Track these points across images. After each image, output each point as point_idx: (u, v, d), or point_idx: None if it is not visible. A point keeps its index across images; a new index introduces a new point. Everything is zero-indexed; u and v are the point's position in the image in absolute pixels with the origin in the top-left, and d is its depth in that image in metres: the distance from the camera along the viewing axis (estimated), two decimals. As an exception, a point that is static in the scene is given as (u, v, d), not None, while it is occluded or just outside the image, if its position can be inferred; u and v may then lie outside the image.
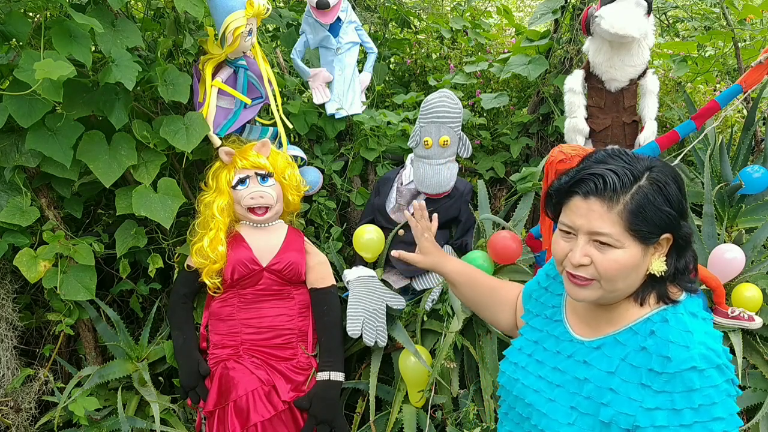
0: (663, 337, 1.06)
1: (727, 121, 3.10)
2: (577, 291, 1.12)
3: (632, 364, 1.08)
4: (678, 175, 1.09)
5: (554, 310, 1.26)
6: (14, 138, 1.99)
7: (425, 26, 3.56)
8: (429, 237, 1.53)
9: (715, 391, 1.00)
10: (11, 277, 2.25)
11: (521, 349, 1.27)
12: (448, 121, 2.29)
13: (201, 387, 2.21)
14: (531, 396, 1.19)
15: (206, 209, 2.20)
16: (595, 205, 1.06)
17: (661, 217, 1.05)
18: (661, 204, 1.04)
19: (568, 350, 1.18)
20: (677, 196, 1.06)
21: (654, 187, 1.05)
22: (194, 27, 2.25)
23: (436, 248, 1.52)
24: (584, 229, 1.07)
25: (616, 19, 2.22)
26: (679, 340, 1.04)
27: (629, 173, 1.05)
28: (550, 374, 1.19)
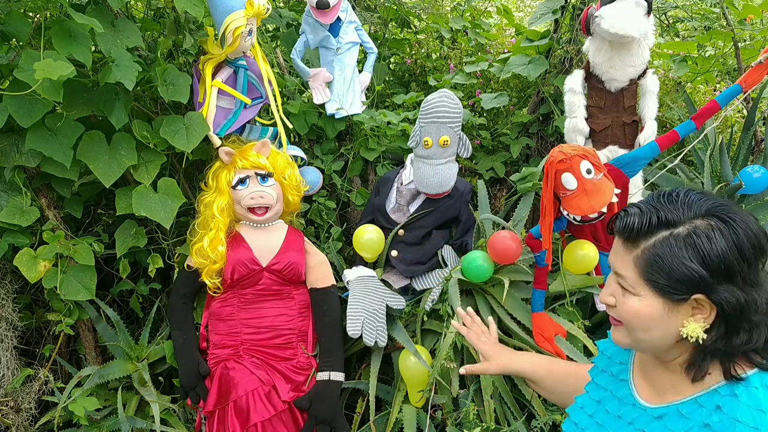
0: (730, 415, 0.93)
1: (727, 121, 3.10)
2: (613, 332, 1.07)
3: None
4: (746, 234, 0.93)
5: (621, 368, 1.18)
6: (14, 138, 1.99)
7: (425, 26, 3.56)
8: (488, 340, 1.44)
9: None
10: (11, 277, 2.25)
11: (583, 408, 1.20)
12: (448, 121, 2.29)
13: (201, 387, 2.21)
14: None
15: (206, 209, 2.20)
16: (619, 243, 1.01)
17: (684, 273, 0.93)
18: (688, 259, 0.93)
19: (629, 415, 1.09)
20: (720, 257, 0.92)
21: (689, 239, 0.93)
22: (194, 27, 2.25)
23: (501, 349, 1.42)
24: (612, 266, 1.03)
25: (616, 19, 2.22)
26: (749, 420, 0.91)
27: (658, 217, 0.95)
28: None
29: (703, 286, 0.93)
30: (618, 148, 2.43)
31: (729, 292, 0.92)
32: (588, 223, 2.08)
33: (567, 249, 2.21)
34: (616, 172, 2.11)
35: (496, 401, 2.24)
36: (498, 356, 1.41)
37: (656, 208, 0.97)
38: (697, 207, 0.96)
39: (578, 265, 2.19)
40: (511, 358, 1.40)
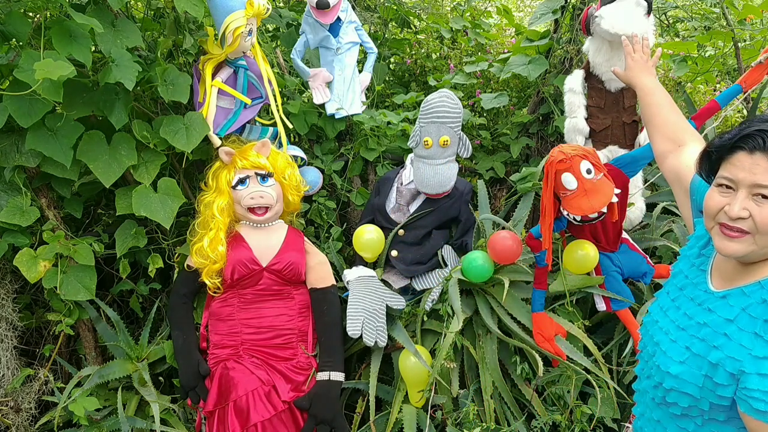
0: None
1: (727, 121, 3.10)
2: (727, 244, 1.17)
3: (751, 314, 1.13)
4: None
5: (703, 259, 1.33)
6: (14, 138, 1.99)
7: (425, 26, 3.56)
8: (639, 57, 1.77)
9: None
10: (11, 277, 2.25)
11: (668, 293, 1.35)
12: (448, 121, 2.29)
13: (201, 387, 2.21)
14: (659, 335, 1.29)
15: (206, 209, 2.20)
16: (761, 160, 1.11)
17: None
18: None
19: (700, 298, 1.25)
20: None
21: None
22: (194, 27, 2.25)
23: (641, 66, 1.74)
24: (747, 182, 1.13)
25: (616, 19, 2.22)
26: None
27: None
28: (680, 318, 1.27)
29: None
30: (618, 148, 2.43)
31: None
32: (588, 223, 2.08)
33: (567, 249, 2.21)
34: (616, 172, 2.11)
35: (496, 401, 2.24)
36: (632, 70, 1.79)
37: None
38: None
39: (578, 265, 2.19)
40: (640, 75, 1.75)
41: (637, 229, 2.58)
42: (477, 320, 2.31)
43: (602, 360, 2.24)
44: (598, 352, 2.23)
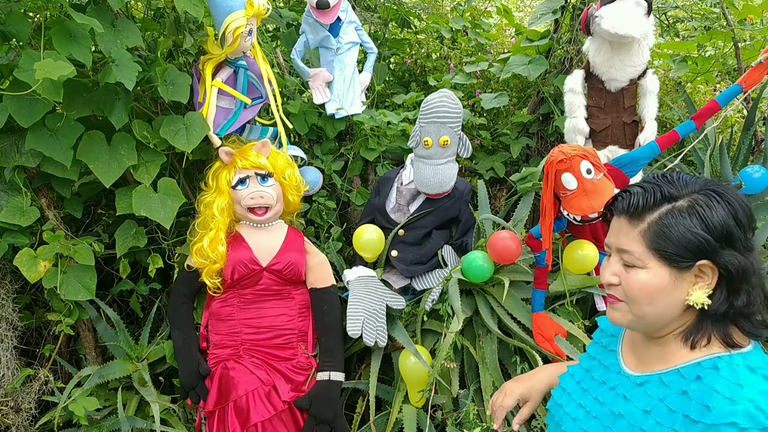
0: (708, 385, 0.98)
1: (727, 121, 3.10)
2: (610, 312, 1.11)
3: (670, 407, 1.02)
4: (738, 204, 1.01)
5: (611, 339, 1.24)
6: (14, 138, 1.99)
7: (425, 26, 3.56)
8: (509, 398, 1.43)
9: None
10: (11, 277, 2.25)
11: (572, 375, 1.26)
12: (448, 121, 2.29)
13: (201, 387, 2.21)
14: (568, 423, 1.19)
15: (206, 209, 2.20)
16: (622, 222, 1.07)
17: (690, 239, 0.99)
18: (693, 226, 1.00)
19: (612, 382, 1.15)
20: (722, 223, 0.99)
21: (692, 209, 1.01)
22: (194, 27, 2.25)
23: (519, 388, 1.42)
24: (614, 246, 1.09)
25: (616, 19, 2.22)
26: (726, 391, 0.96)
27: (661, 193, 1.03)
28: (590, 404, 1.17)
29: (708, 252, 1.00)
30: (618, 148, 2.43)
31: (731, 256, 1.00)
32: (588, 223, 2.08)
33: (567, 249, 2.21)
34: (616, 172, 2.11)
35: (496, 401, 2.23)
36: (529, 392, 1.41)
37: (658, 185, 1.05)
38: (693, 184, 1.04)
39: (578, 265, 2.19)
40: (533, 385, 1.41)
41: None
42: (477, 320, 2.31)
43: (602, 360, 2.24)
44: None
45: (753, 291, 1.02)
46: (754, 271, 1.01)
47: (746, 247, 1.01)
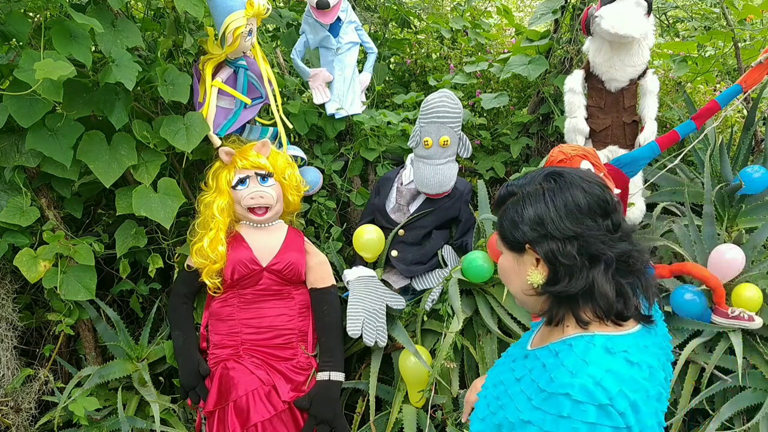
0: (560, 360, 1.05)
1: (727, 121, 3.10)
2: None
3: (533, 377, 1.10)
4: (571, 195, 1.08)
5: (538, 323, 1.33)
6: (14, 138, 1.99)
7: (425, 26, 3.56)
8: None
9: (588, 429, 0.95)
10: (11, 277, 2.25)
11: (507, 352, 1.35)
12: (448, 121, 2.29)
13: (201, 387, 2.21)
14: (482, 391, 1.30)
15: (206, 209, 2.20)
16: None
17: (511, 228, 1.13)
18: (515, 216, 1.12)
19: (514, 356, 1.26)
20: (538, 215, 1.09)
21: (516, 201, 1.13)
22: (194, 27, 2.25)
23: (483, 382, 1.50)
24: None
25: (616, 20, 2.22)
26: (570, 365, 1.02)
27: (507, 189, 1.17)
28: (491, 374, 1.29)
29: (527, 240, 1.10)
30: (618, 148, 2.43)
31: (546, 242, 1.08)
32: (588, 223, 2.08)
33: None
34: (616, 172, 2.11)
35: (496, 401, 2.23)
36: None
37: (509, 184, 1.18)
38: (533, 178, 1.15)
39: (578, 265, 2.19)
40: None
41: (637, 229, 2.58)
42: (477, 320, 2.31)
43: (602, 360, 2.24)
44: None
45: (598, 275, 1.06)
46: (598, 257, 1.06)
47: (563, 235, 1.06)
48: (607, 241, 1.06)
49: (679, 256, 2.43)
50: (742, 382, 2.11)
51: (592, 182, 1.10)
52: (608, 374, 0.98)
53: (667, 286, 2.34)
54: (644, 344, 1.07)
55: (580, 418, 0.96)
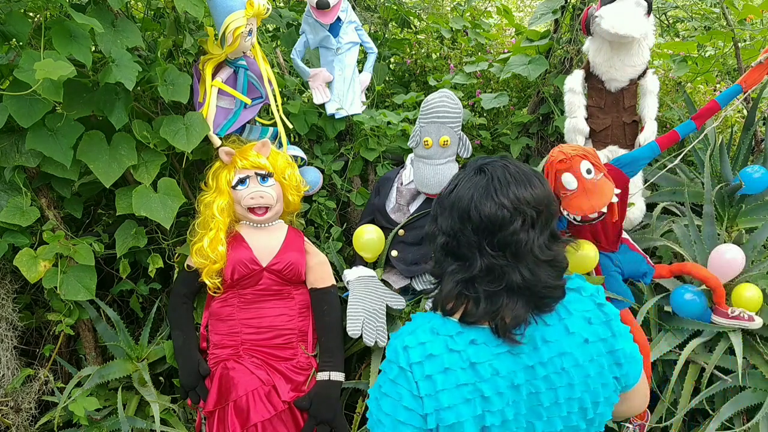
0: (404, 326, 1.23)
1: (727, 121, 3.10)
2: None
3: None
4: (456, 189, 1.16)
5: None
6: (14, 138, 1.99)
7: (425, 26, 3.56)
8: None
9: (390, 383, 1.12)
10: (11, 277, 2.25)
11: None
12: (448, 121, 2.29)
13: (201, 387, 2.21)
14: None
15: (206, 209, 2.20)
16: None
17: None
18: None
19: None
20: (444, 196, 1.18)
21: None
22: (194, 27, 2.25)
23: None
24: None
25: (616, 20, 2.22)
26: (402, 330, 1.19)
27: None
28: None
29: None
30: (618, 148, 2.43)
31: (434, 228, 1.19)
32: (588, 223, 2.08)
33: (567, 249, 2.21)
34: (616, 172, 2.11)
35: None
36: None
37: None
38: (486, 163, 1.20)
39: (578, 265, 2.19)
40: None
41: (637, 229, 2.58)
42: (477, 320, 2.31)
43: (602, 360, 2.24)
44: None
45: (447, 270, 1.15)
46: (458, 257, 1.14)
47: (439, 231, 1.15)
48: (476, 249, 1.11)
49: (679, 256, 2.43)
50: (742, 382, 2.11)
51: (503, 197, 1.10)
52: (419, 347, 1.11)
53: (667, 286, 2.34)
54: (482, 342, 1.11)
55: (386, 373, 1.13)
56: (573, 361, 1.12)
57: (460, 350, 1.10)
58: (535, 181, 1.14)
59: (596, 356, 1.14)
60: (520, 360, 1.11)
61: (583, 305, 1.18)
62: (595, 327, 1.16)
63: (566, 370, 1.12)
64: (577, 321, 1.15)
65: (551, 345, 1.12)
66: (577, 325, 1.15)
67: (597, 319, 1.16)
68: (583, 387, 1.12)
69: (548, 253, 1.12)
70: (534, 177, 1.16)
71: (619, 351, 1.15)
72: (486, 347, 1.11)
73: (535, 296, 1.11)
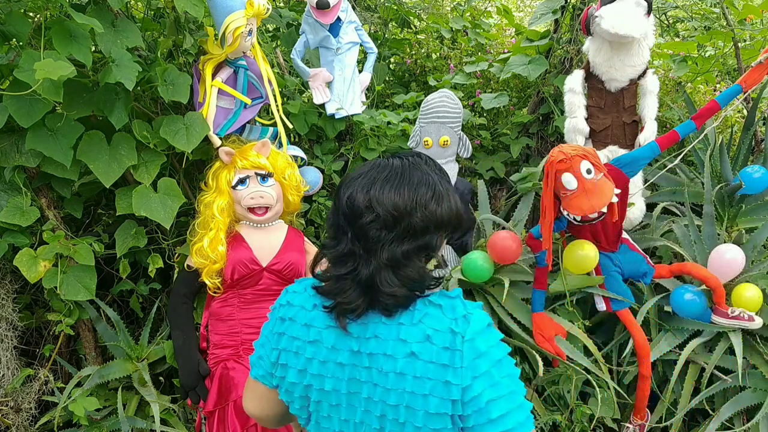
0: None
1: (727, 121, 3.10)
2: None
3: None
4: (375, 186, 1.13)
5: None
6: (14, 138, 1.99)
7: (425, 26, 3.56)
8: None
9: (270, 323, 1.25)
10: (11, 277, 2.25)
11: None
12: (448, 121, 2.29)
13: (201, 387, 2.21)
14: None
15: (206, 209, 2.20)
16: None
17: None
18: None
19: None
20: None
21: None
22: (194, 27, 2.25)
23: None
24: None
25: (616, 20, 2.22)
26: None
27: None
28: None
29: None
30: (618, 148, 2.43)
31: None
32: (588, 223, 2.08)
33: (567, 249, 2.21)
34: (616, 172, 2.11)
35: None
36: None
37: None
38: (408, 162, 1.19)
39: (578, 265, 2.19)
40: None
41: (637, 229, 2.58)
42: (477, 320, 2.31)
43: (602, 360, 2.24)
44: (598, 352, 2.23)
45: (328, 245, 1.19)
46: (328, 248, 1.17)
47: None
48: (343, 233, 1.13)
49: (679, 256, 2.43)
50: (742, 382, 2.11)
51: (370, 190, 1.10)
52: (290, 293, 1.24)
53: (667, 286, 2.35)
54: (322, 310, 1.17)
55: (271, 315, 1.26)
56: (394, 367, 1.08)
57: (307, 310, 1.18)
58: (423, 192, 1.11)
59: (423, 376, 1.06)
60: (347, 341, 1.13)
61: (434, 322, 1.08)
62: (433, 347, 1.06)
63: (386, 373, 1.09)
64: (415, 333, 1.08)
65: (381, 343, 1.10)
66: (412, 337, 1.08)
67: (440, 341, 1.06)
68: (399, 398, 1.07)
69: (399, 261, 1.09)
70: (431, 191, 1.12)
71: (455, 387, 1.04)
72: (324, 316, 1.16)
73: (376, 295, 1.10)
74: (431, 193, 1.13)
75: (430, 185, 1.14)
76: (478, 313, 1.10)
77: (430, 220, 1.12)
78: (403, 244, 1.10)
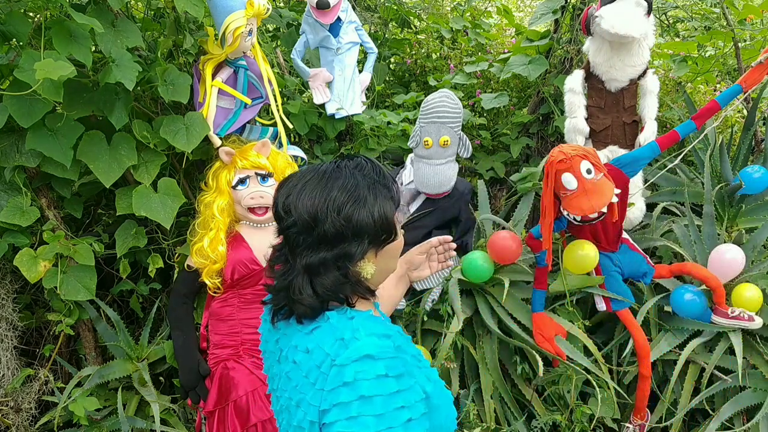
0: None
1: (727, 121, 3.10)
2: None
3: None
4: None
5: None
6: (14, 138, 1.99)
7: (425, 26, 3.56)
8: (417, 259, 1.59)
9: None
10: (11, 277, 2.25)
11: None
12: (448, 121, 2.29)
13: (201, 387, 2.21)
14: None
15: (206, 209, 2.20)
16: None
17: None
18: None
19: None
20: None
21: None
22: (194, 27, 2.25)
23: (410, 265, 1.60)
24: None
25: (616, 20, 2.22)
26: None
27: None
28: None
29: None
30: (618, 148, 2.43)
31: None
32: (588, 223, 2.08)
33: (567, 249, 2.21)
34: (616, 172, 2.11)
35: (496, 401, 2.24)
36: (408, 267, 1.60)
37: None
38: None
39: (578, 265, 2.19)
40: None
41: (637, 229, 2.58)
42: (477, 320, 2.31)
43: (602, 360, 2.24)
44: (598, 352, 2.23)
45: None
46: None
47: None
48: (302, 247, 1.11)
49: (679, 256, 2.43)
50: (742, 382, 2.11)
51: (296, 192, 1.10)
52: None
53: (667, 286, 2.35)
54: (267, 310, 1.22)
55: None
56: (287, 369, 1.10)
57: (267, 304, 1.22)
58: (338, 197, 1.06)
59: (299, 387, 1.05)
60: (275, 338, 1.17)
61: (319, 338, 1.04)
62: (310, 362, 1.03)
63: (285, 372, 1.10)
64: (303, 342, 1.06)
65: (285, 342, 1.12)
66: (301, 345, 1.07)
67: (316, 358, 1.02)
68: (286, 400, 1.09)
69: (315, 268, 1.06)
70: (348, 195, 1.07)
71: (314, 408, 1.01)
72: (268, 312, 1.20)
73: (290, 296, 1.09)
74: (347, 198, 1.06)
75: (349, 189, 1.07)
76: (367, 340, 1.00)
77: (345, 226, 1.05)
78: (320, 251, 1.06)
